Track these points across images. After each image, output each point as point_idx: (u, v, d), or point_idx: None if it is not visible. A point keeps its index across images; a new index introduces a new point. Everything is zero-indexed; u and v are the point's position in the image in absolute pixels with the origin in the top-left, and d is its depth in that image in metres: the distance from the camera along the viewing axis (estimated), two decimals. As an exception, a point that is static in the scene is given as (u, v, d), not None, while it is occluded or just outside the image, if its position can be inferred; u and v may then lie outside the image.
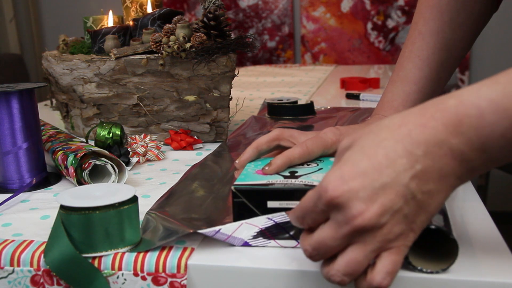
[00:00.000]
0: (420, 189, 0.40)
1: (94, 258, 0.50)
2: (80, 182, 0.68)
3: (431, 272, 0.45)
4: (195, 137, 0.89)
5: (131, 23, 0.97)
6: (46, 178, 0.74)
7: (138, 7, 1.00)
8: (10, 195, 0.67)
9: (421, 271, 0.45)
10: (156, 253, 0.50)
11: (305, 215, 0.43)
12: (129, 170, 0.77)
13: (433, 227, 0.44)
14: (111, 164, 0.68)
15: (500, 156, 0.39)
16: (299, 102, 1.13)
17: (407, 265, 0.45)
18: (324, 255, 0.42)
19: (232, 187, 0.51)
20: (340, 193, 0.40)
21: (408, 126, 0.41)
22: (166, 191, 0.66)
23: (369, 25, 2.39)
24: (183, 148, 0.87)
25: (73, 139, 0.77)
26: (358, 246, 0.40)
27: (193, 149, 0.87)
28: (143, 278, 0.49)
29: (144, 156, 0.81)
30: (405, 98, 0.70)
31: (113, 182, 0.68)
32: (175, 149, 0.87)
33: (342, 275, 0.41)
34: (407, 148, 0.40)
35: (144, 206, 0.60)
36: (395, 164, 0.40)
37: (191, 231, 0.51)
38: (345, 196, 0.40)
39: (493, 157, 0.40)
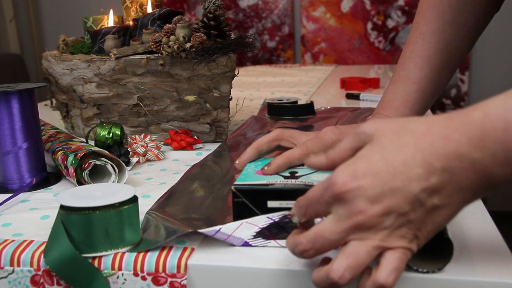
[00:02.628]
0: (431, 201, 0.40)
1: (94, 258, 0.50)
2: (80, 182, 0.68)
3: (427, 272, 0.45)
4: (195, 137, 0.89)
5: (131, 23, 0.97)
6: (46, 178, 0.74)
7: (138, 7, 1.00)
8: (10, 195, 0.67)
9: (417, 271, 0.45)
10: (156, 253, 0.50)
11: (309, 204, 0.43)
12: (129, 170, 0.77)
13: None
14: (111, 164, 0.68)
15: None
16: (299, 102, 1.13)
17: None
18: (319, 250, 0.42)
19: (232, 187, 0.51)
20: (348, 188, 0.40)
21: (432, 136, 0.40)
22: (166, 191, 0.66)
23: (369, 25, 2.39)
24: (183, 148, 0.87)
25: (73, 139, 0.77)
26: (359, 242, 0.40)
27: (193, 149, 0.87)
28: (143, 278, 0.49)
29: (144, 156, 0.81)
30: (406, 97, 0.70)
31: (113, 182, 0.68)
32: (175, 149, 0.87)
33: (343, 269, 0.40)
34: (426, 159, 0.39)
35: (144, 206, 0.60)
36: (411, 172, 0.39)
37: (191, 230, 0.51)
38: (352, 193, 0.40)
39: None
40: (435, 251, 0.46)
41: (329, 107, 1.14)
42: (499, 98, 0.39)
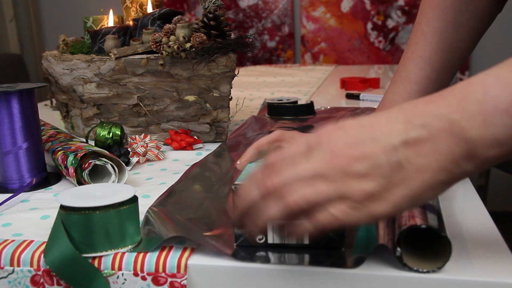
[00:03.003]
0: (408, 158, 0.39)
1: (94, 258, 0.50)
2: (80, 182, 0.68)
3: (427, 272, 0.45)
4: (195, 137, 0.89)
5: (131, 23, 0.97)
6: (46, 178, 0.74)
7: (138, 7, 1.00)
8: (10, 195, 0.67)
9: (417, 271, 0.45)
10: (156, 253, 0.50)
11: (286, 158, 0.42)
12: (129, 170, 0.77)
13: (424, 226, 0.44)
14: (111, 164, 0.68)
15: (504, 137, 0.37)
16: (299, 102, 1.13)
17: (402, 267, 0.45)
18: (286, 167, 0.41)
19: (232, 187, 0.51)
20: (333, 134, 0.41)
21: (417, 102, 0.41)
22: (165, 190, 0.66)
23: (369, 25, 2.39)
24: (183, 148, 0.87)
25: (73, 139, 0.77)
26: (325, 181, 0.40)
27: (193, 149, 0.87)
28: (143, 278, 0.49)
29: (144, 156, 0.81)
30: (407, 98, 0.70)
31: (113, 182, 0.68)
32: (175, 149, 0.87)
33: (298, 195, 0.40)
34: (407, 116, 0.40)
35: (144, 206, 0.60)
36: (392, 126, 0.40)
37: (188, 235, 0.51)
38: (334, 136, 0.41)
39: (495, 138, 0.37)
40: (434, 250, 0.46)
41: (329, 107, 1.14)
42: (486, 71, 0.40)
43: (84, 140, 0.79)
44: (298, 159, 0.41)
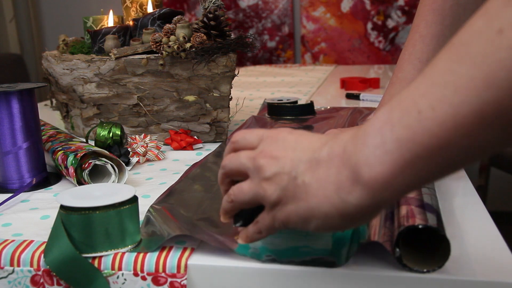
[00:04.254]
0: (303, 178, 0.40)
1: (94, 258, 0.50)
2: (80, 182, 0.68)
3: (427, 272, 0.45)
4: (195, 137, 0.89)
5: (131, 23, 0.97)
6: (46, 178, 0.74)
7: (138, 7, 1.00)
8: (10, 195, 0.67)
9: (417, 271, 0.45)
10: (156, 253, 0.50)
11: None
12: (129, 170, 0.77)
13: (420, 226, 0.44)
14: (111, 164, 0.68)
15: (380, 152, 0.35)
16: (299, 102, 1.13)
17: (402, 267, 0.45)
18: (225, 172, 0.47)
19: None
20: (275, 134, 0.45)
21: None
22: (165, 190, 0.66)
23: (369, 25, 2.39)
24: (183, 148, 0.87)
25: (73, 139, 0.77)
26: (249, 180, 0.44)
27: (193, 149, 0.87)
28: (143, 278, 0.49)
29: (144, 156, 0.81)
30: None
31: (113, 182, 0.68)
32: (175, 149, 0.87)
33: (228, 197, 0.46)
34: (329, 137, 0.41)
35: (144, 206, 0.60)
36: (313, 143, 0.42)
37: (189, 234, 0.51)
38: (276, 138, 0.44)
39: (374, 154, 0.36)
40: (433, 250, 0.46)
41: (329, 107, 1.14)
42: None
43: (84, 140, 0.79)
44: (249, 145, 0.46)
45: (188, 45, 0.83)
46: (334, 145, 0.39)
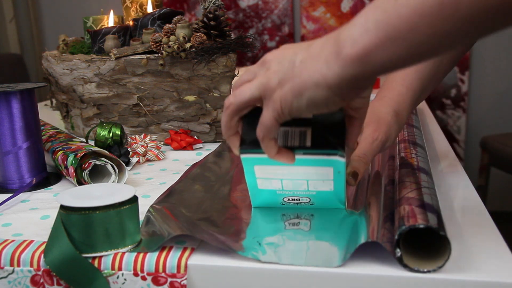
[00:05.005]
0: (301, 59, 0.45)
1: (94, 258, 0.50)
2: (80, 182, 0.68)
3: (428, 271, 0.45)
4: (195, 137, 0.89)
5: (131, 23, 0.97)
6: (46, 178, 0.74)
7: (138, 7, 1.00)
8: (10, 195, 0.67)
9: (417, 271, 0.45)
10: (156, 253, 0.50)
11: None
12: (129, 170, 0.77)
13: (421, 226, 0.44)
14: (111, 164, 0.68)
15: (357, 36, 0.42)
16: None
17: (403, 267, 0.45)
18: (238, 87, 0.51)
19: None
20: (278, 50, 0.49)
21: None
22: (165, 190, 0.66)
23: (369, 25, 2.39)
24: (183, 148, 0.87)
25: (73, 139, 0.77)
26: (249, 83, 0.49)
27: (193, 149, 0.87)
28: (143, 278, 0.49)
29: (144, 156, 0.81)
30: (404, 77, 0.72)
31: (113, 182, 0.68)
32: (175, 149, 0.87)
33: (228, 101, 0.50)
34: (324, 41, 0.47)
35: (144, 206, 0.60)
36: (317, 40, 0.47)
37: (189, 233, 0.51)
38: (280, 49, 0.49)
39: (352, 36, 0.42)
40: (434, 250, 0.46)
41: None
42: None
43: (84, 140, 0.79)
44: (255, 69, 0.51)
45: (188, 45, 0.83)
46: (333, 33, 0.45)
